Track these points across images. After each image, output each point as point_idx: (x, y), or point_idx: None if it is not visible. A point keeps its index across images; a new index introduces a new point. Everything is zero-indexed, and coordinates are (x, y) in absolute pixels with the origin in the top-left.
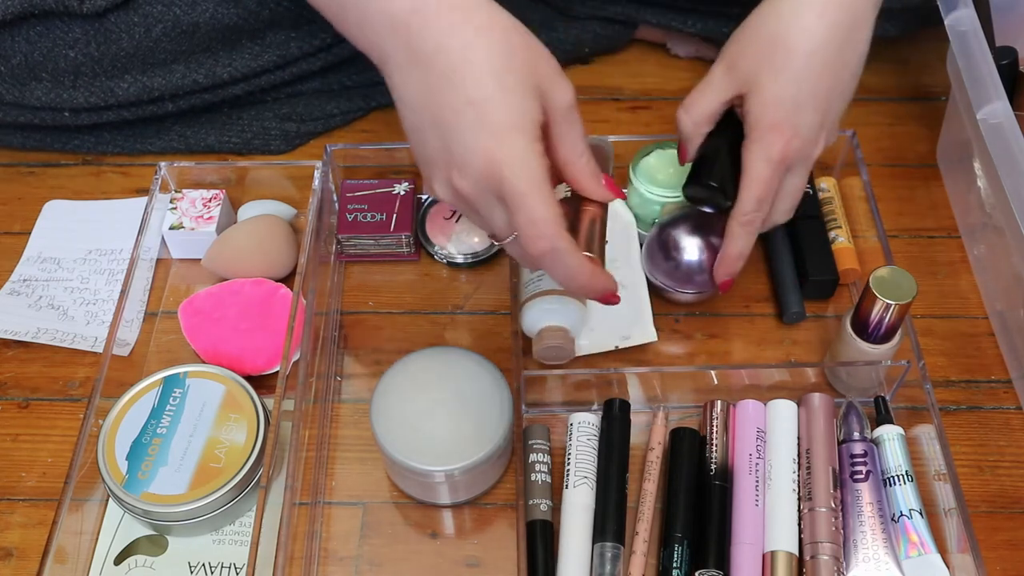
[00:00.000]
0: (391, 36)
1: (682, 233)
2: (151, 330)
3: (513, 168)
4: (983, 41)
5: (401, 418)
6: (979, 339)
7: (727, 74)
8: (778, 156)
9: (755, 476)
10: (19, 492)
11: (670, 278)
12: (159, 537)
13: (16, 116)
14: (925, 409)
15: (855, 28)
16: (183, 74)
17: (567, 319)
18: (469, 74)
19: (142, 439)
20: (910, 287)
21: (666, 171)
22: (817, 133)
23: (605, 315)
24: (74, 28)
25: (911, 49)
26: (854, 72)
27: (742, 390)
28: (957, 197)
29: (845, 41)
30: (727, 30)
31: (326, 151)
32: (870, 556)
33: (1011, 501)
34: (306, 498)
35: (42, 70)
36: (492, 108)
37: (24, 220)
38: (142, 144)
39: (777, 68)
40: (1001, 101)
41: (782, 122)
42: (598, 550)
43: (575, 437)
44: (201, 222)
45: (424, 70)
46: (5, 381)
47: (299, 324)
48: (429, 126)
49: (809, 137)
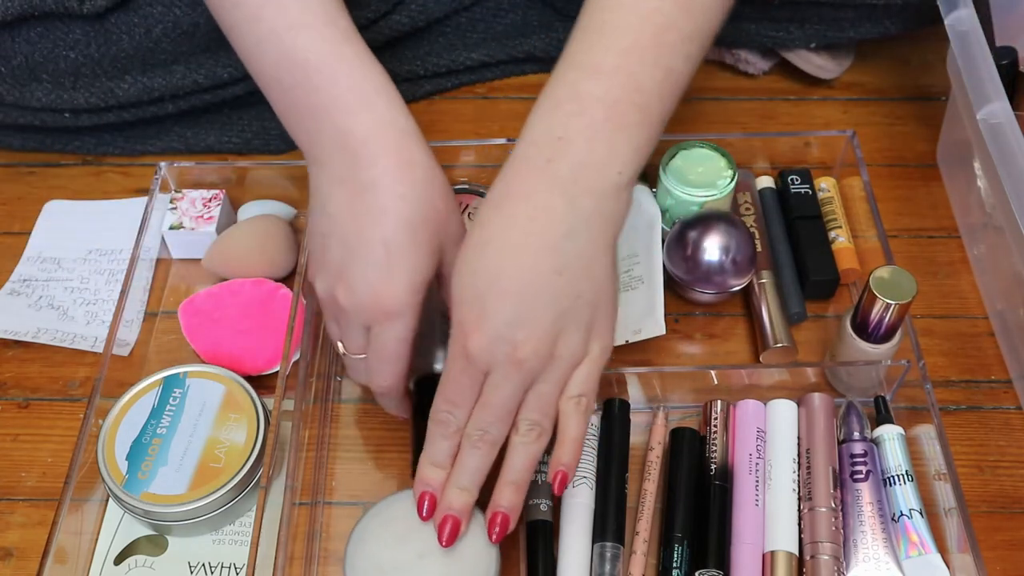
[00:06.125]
0: (337, 152)
1: (704, 233)
2: (151, 330)
3: (393, 318)
4: (983, 41)
5: (378, 571)
6: (979, 339)
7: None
8: (459, 352)
9: (755, 476)
10: (19, 492)
11: (689, 276)
12: (159, 537)
13: (16, 117)
14: (925, 409)
15: (552, 216)
16: (183, 75)
17: None
18: (393, 219)
19: (142, 439)
20: (910, 287)
21: (695, 170)
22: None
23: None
24: (74, 29)
25: (911, 49)
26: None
27: (742, 390)
28: (957, 197)
29: (531, 230)
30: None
31: None
32: (870, 556)
33: (1011, 501)
34: (306, 498)
35: (42, 71)
36: (399, 257)
37: (24, 220)
38: (142, 145)
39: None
40: (1001, 101)
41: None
42: (598, 550)
43: None
44: (201, 222)
45: (353, 196)
46: (5, 381)
47: (299, 324)
48: (338, 241)
49: (503, 336)
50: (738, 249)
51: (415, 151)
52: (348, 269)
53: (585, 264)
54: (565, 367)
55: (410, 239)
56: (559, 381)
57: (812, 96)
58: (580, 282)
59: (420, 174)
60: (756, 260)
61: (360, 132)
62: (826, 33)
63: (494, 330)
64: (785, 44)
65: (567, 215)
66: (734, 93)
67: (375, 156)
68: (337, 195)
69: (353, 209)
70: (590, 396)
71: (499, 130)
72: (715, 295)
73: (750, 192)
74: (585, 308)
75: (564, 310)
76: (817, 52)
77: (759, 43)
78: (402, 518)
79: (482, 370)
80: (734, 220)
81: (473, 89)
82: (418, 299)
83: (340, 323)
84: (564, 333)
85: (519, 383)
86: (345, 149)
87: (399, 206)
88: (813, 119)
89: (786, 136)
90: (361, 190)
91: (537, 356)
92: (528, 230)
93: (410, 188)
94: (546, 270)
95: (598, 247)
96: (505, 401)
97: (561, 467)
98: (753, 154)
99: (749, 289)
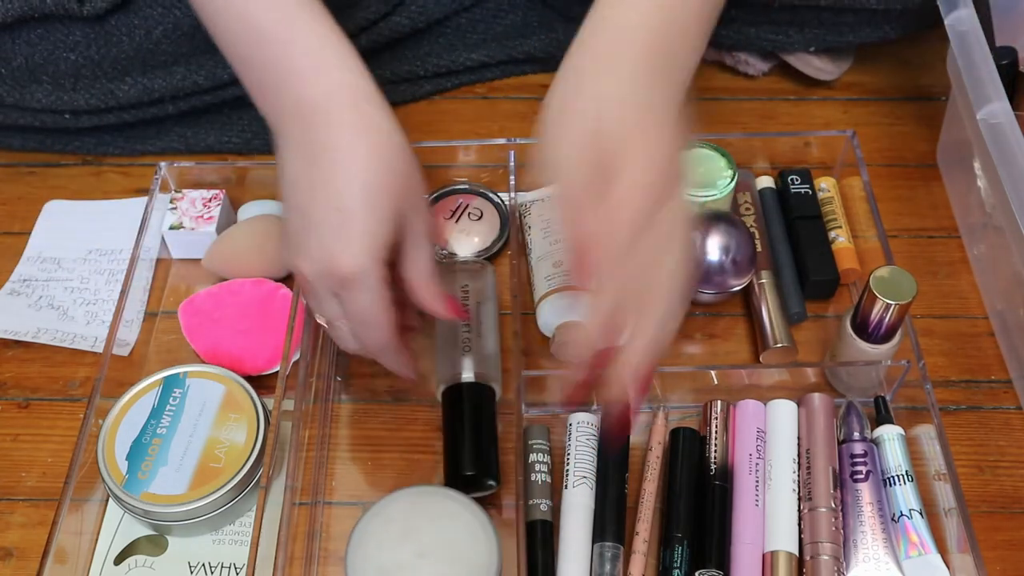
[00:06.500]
0: (295, 120)
1: (704, 233)
2: (151, 330)
3: (354, 284)
4: (983, 41)
5: (379, 571)
6: (979, 339)
7: None
8: None
9: (755, 476)
10: (19, 492)
11: None
12: (159, 537)
13: (16, 118)
14: (925, 409)
15: None
16: (184, 76)
17: (585, 314)
18: (345, 184)
19: (142, 439)
20: (910, 287)
21: (695, 171)
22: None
23: None
24: (74, 31)
25: (911, 49)
26: None
27: (742, 390)
28: (957, 197)
29: None
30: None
31: None
32: (870, 556)
33: (1011, 501)
34: (306, 498)
35: (42, 72)
36: (354, 222)
37: (24, 220)
38: (142, 145)
39: None
40: (1001, 101)
41: None
42: (598, 550)
43: (574, 437)
44: (201, 222)
45: (309, 163)
46: (5, 381)
47: (299, 324)
48: (296, 210)
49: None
50: (738, 249)
51: (372, 114)
52: (306, 238)
53: None
54: None
55: (365, 204)
56: None
57: (812, 96)
58: None
59: (377, 138)
60: (756, 260)
61: (315, 97)
62: (826, 37)
63: None
64: (784, 48)
65: None
66: (734, 93)
67: (330, 121)
68: (295, 164)
69: (309, 177)
70: None
71: (499, 130)
72: (715, 295)
73: (750, 192)
74: None
75: None
76: (817, 55)
77: (759, 46)
78: (402, 518)
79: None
80: (734, 220)
81: (473, 89)
82: (377, 263)
83: (310, 294)
84: None
85: None
86: (301, 116)
87: (354, 171)
88: (813, 119)
89: (786, 136)
90: (314, 157)
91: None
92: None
93: (366, 152)
94: None
95: None
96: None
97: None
98: (753, 154)
99: (749, 289)
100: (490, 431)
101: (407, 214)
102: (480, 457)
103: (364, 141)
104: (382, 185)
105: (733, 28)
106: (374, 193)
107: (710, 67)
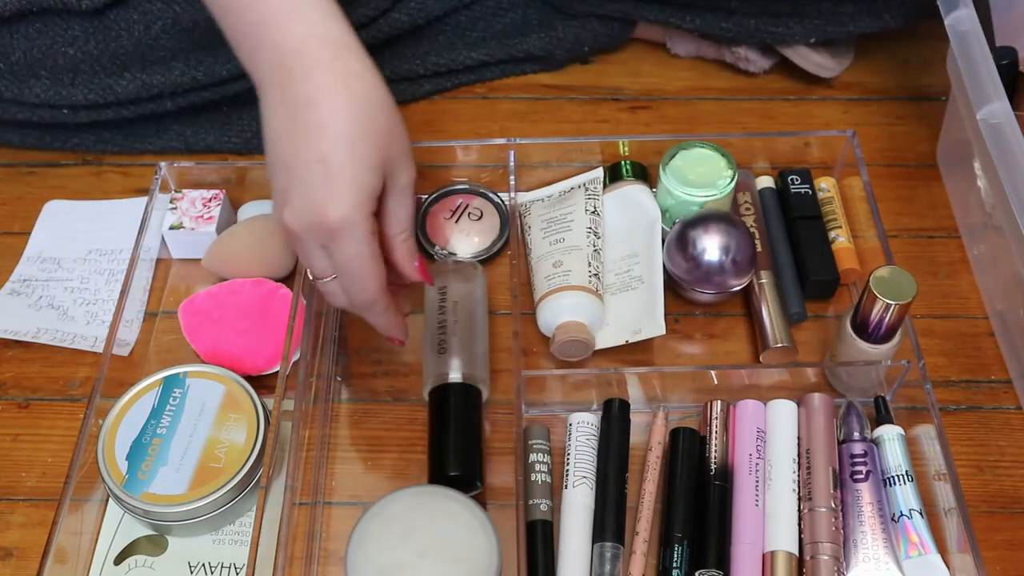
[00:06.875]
0: (275, 72)
1: (704, 233)
2: (151, 330)
3: (342, 235)
4: (983, 41)
5: (379, 571)
6: (979, 339)
7: None
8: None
9: (755, 476)
10: (19, 492)
11: (689, 276)
12: (159, 537)
13: (15, 113)
14: (925, 409)
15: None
16: (182, 71)
17: (585, 314)
18: (327, 135)
19: (142, 439)
20: (910, 287)
21: (695, 170)
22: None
23: (617, 311)
24: (73, 25)
25: (911, 49)
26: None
27: (742, 390)
28: (957, 197)
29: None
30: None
31: None
32: (870, 556)
33: (1011, 501)
34: (306, 498)
35: (41, 67)
36: (337, 172)
37: (24, 220)
38: (141, 143)
39: None
40: (1001, 101)
41: None
42: (598, 550)
43: (574, 437)
44: (201, 222)
45: (291, 115)
46: (5, 381)
47: (299, 324)
48: (280, 165)
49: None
50: (738, 249)
51: (352, 63)
52: (291, 192)
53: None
54: None
55: (348, 154)
56: None
57: (812, 96)
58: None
59: (358, 86)
60: (756, 260)
61: (293, 47)
62: (826, 28)
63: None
64: (785, 40)
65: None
66: (734, 93)
67: (309, 71)
68: (277, 117)
69: (291, 130)
70: None
71: (499, 130)
72: (715, 295)
73: (750, 192)
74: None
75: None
76: (816, 49)
77: (759, 39)
78: (402, 518)
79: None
80: (734, 220)
81: (473, 89)
82: (364, 213)
83: (298, 249)
84: None
85: None
86: (281, 67)
87: (335, 121)
88: (813, 119)
89: (786, 136)
90: (295, 110)
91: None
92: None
93: (346, 101)
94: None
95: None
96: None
97: None
98: (753, 154)
99: (749, 289)
100: (475, 432)
101: (391, 166)
102: (464, 457)
103: (345, 90)
104: (365, 135)
105: (733, 20)
106: (357, 143)
107: (711, 66)
